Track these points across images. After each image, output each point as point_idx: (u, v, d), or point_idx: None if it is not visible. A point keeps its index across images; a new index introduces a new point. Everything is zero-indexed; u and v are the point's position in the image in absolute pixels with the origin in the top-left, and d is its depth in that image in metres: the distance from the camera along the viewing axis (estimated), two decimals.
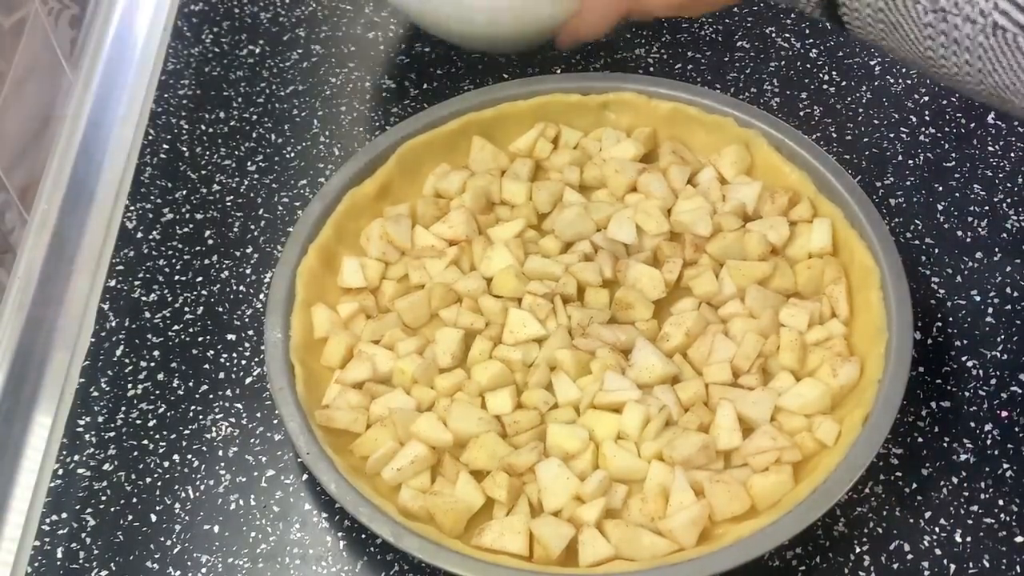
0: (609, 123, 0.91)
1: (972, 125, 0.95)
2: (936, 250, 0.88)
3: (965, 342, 0.83)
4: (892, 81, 0.99)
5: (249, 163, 0.94)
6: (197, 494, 0.77)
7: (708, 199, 0.85)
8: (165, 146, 0.95)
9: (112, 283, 0.87)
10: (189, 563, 0.74)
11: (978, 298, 0.85)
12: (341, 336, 0.80)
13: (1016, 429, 0.79)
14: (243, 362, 0.83)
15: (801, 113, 0.97)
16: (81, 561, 0.74)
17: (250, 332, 0.84)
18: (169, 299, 0.86)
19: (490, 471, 0.73)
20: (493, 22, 0.88)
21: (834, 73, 1.00)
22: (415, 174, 0.89)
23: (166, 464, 0.78)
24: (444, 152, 0.89)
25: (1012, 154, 0.93)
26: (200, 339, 0.84)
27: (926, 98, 0.97)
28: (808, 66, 1.00)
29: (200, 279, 0.87)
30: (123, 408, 0.80)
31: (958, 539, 0.74)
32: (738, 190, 0.86)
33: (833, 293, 0.80)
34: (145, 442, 0.79)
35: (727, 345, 0.78)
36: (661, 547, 0.70)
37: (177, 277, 0.87)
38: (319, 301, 0.81)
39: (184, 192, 0.92)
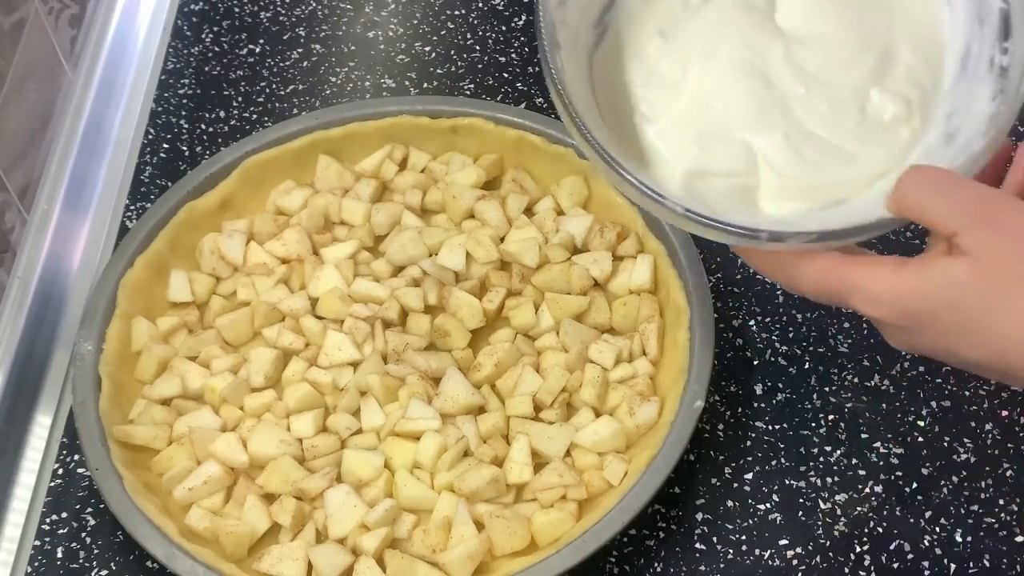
0: (458, 148, 0.90)
1: None
2: None
3: None
4: None
5: None
6: None
7: (542, 230, 0.85)
8: (165, 146, 0.95)
9: None
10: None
11: None
12: (155, 350, 0.79)
13: (1016, 429, 0.79)
14: None
15: None
16: (81, 561, 0.74)
17: None
18: None
19: (280, 495, 0.73)
20: None
21: None
22: (260, 189, 0.88)
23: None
24: (291, 169, 0.89)
25: (1012, 153, 0.93)
26: None
27: None
28: None
29: None
30: None
31: (958, 539, 0.74)
32: (570, 222, 0.85)
33: (646, 331, 0.80)
34: None
35: (533, 378, 0.78)
36: None
37: None
38: (142, 314, 0.81)
39: None
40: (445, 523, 0.72)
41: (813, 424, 0.79)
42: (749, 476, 0.77)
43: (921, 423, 0.79)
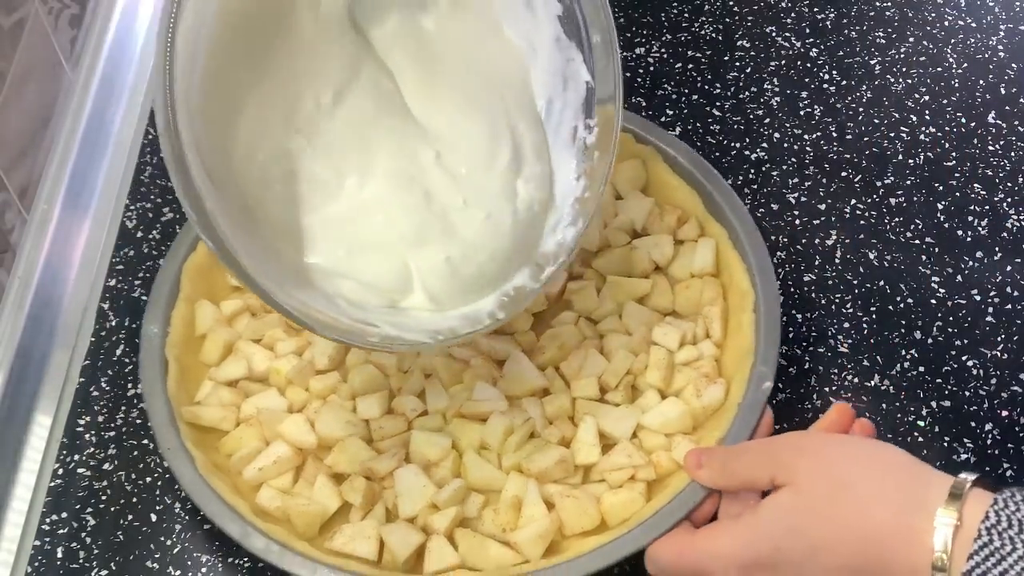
0: None
1: (972, 124, 0.95)
2: (936, 249, 0.88)
3: (965, 341, 0.83)
4: (892, 80, 0.99)
5: None
6: None
7: (601, 214, 0.85)
8: None
9: (112, 283, 0.87)
10: (189, 563, 0.74)
11: (978, 297, 0.85)
12: (220, 333, 0.80)
13: (1016, 429, 0.78)
14: None
15: (801, 112, 0.97)
16: (81, 561, 0.74)
17: None
18: None
19: (350, 475, 0.74)
20: None
21: (834, 72, 1.00)
22: None
23: (166, 464, 0.78)
24: None
25: (1012, 153, 0.93)
26: None
27: (926, 98, 0.97)
28: (808, 65, 1.00)
29: None
30: (123, 408, 0.80)
31: None
32: (629, 206, 0.86)
33: (709, 314, 0.80)
34: (145, 442, 0.79)
35: (598, 361, 0.78)
36: (507, 558, 0.70)
37: None
38: (205, 297, 0.81)
39: None
40: (515, 503, 0.72)
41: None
42: None
43: (921, 423, 0.79)
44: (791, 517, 0.62)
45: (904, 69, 1.00)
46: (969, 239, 0.88)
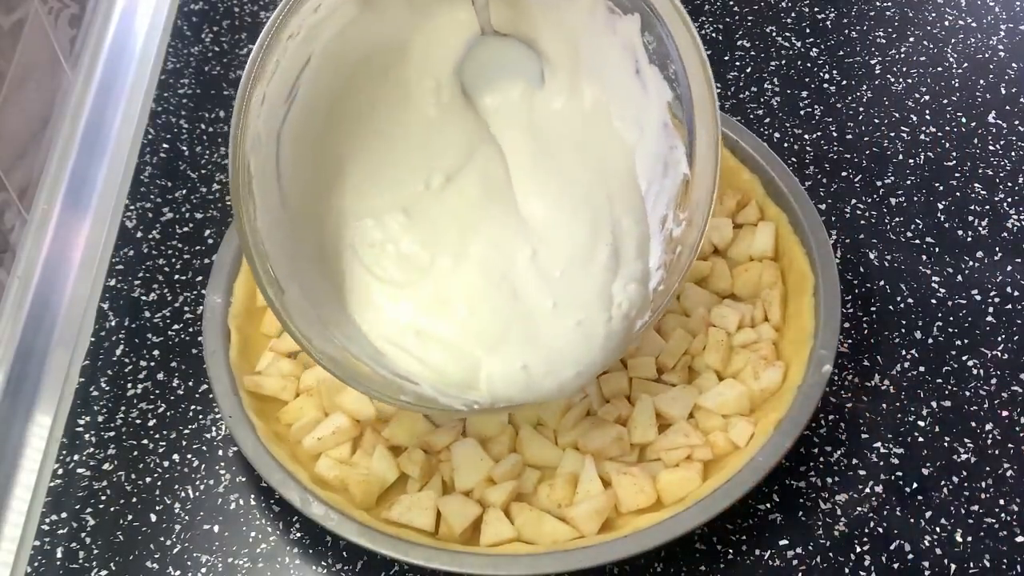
0: None
1: (973, 124, 0.95)
2: (936, 249, 0.88)
3: (965, 341, 0.83)
4: (892, 80, 0.99)
5: None
6: (197, 494, 0.77)
7: None
8: (165, 145, 0.95)
9: (112, 283, 0.87)
10: (189, 563, 0.74)
11: (978, 297, 0.85)
12: None
13: (1017, 429, 0.78)
14: None
15: (801, 112, 0.97)
16: (81, 561, 0.74)
17: None
18: (169, 299, 0.86)
19: (408, 447, 0.74)
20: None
21: (835, 72, 1.00)
22: None
23: (166, 464, 0.78)
24: None
25: (1012, 153, 0.93)
26: (200, 339, 0.84)
27: (927, 97, 0.97)
28: (809, 65, 1.00)
29: (200, 279, 0.87)
30: (123, 408, 0.80)
31: (959, 539, 0.74)
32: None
33: (768, 297, 0.80)
34: (145, 442, 0.79)
35: (655, 341, 0.79)
36: (562, 533, 0.71)
37: (177, 277, 0.87)
38: None
39: (184, 191, 0.92)
40: (571, 479, 0.73)
41: (813, 424, 0.79)
42: None
43: (921, 423, 0.79)
44: None
45: (904, 69, 1.00)
46: (969, 239, 0.88)
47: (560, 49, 0.70)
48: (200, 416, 0.80)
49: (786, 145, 0.94)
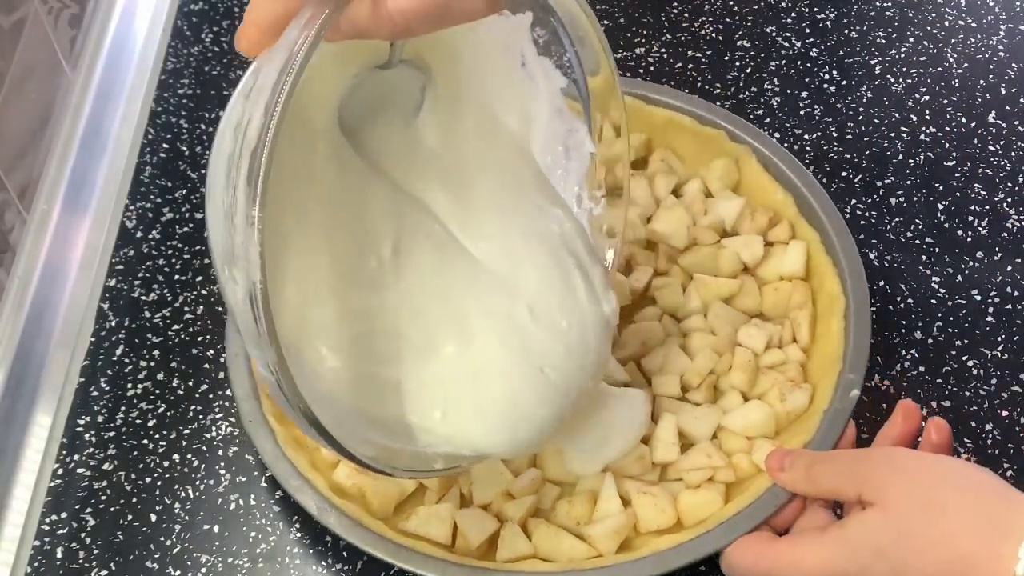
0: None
1: (973, 124, 0.95)
2: (936, 249, 0.88)
3: (966, 342, 0.83)
4: (892, 80, 0.99)
5: None
6: (197, 494, 0.77)
7: (690, 211, 0.85)
8: (165, 145, 0.95)
9: (112, 283, 0.87)
10: (189, 563, 0.74)
11: (978, 298, 0.85)
12: None
13: (1017, 429, 0.78)
14: None
15: (801, 112, 0.97)
16: (81, 561, 0.74)
17: None
18: (169, 299, 0.86)
19: None
20: None
21: (835, 72, 1.00)
22: None
23: (166, 464, 0.78)
24: None
25: (1012, 153, 0.93)
26: (200, 339, 0.84)
27: (927, 97, 0.97)
28: (808, 65, 1.00)
29: (200, 279, 0.87)
30: (123, 408, 0.80)
31: None
32: (720, 205, 0.85)
33: (797, 318, 0.80)
34: (145, 442, 0.79)
35: (681, 359, 0.78)
36: (580, 551, 0.70)
37: (177, 277, 0.87)
38: None
39: (184, 191, 0.92)
40: (590, 496, 0.72)
41: None
42: None
43: (922, 423, 0.79)
44: (879, 538, 0.60)
45: (904, 69, 1.00)
46: (969, 239, 0.88)
47: (442, 62, 0.65)
48: (200, 416, 0.80)
49: (786, 145, 0.94)
